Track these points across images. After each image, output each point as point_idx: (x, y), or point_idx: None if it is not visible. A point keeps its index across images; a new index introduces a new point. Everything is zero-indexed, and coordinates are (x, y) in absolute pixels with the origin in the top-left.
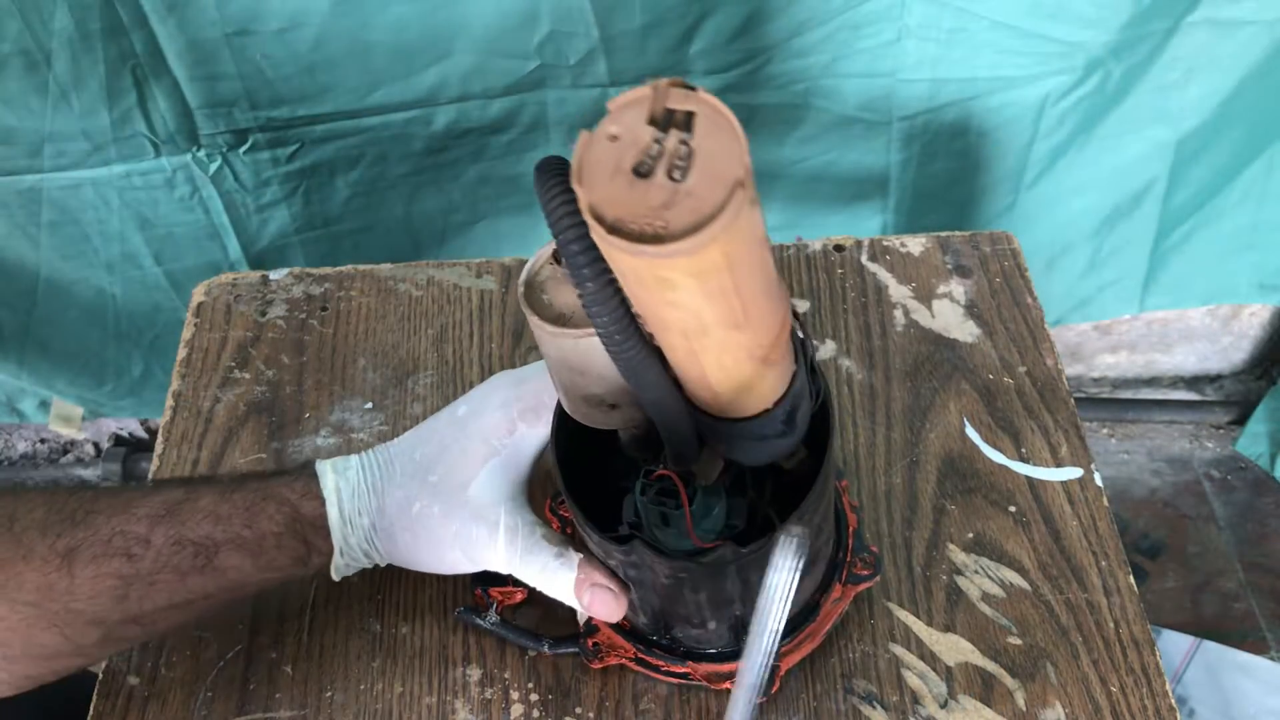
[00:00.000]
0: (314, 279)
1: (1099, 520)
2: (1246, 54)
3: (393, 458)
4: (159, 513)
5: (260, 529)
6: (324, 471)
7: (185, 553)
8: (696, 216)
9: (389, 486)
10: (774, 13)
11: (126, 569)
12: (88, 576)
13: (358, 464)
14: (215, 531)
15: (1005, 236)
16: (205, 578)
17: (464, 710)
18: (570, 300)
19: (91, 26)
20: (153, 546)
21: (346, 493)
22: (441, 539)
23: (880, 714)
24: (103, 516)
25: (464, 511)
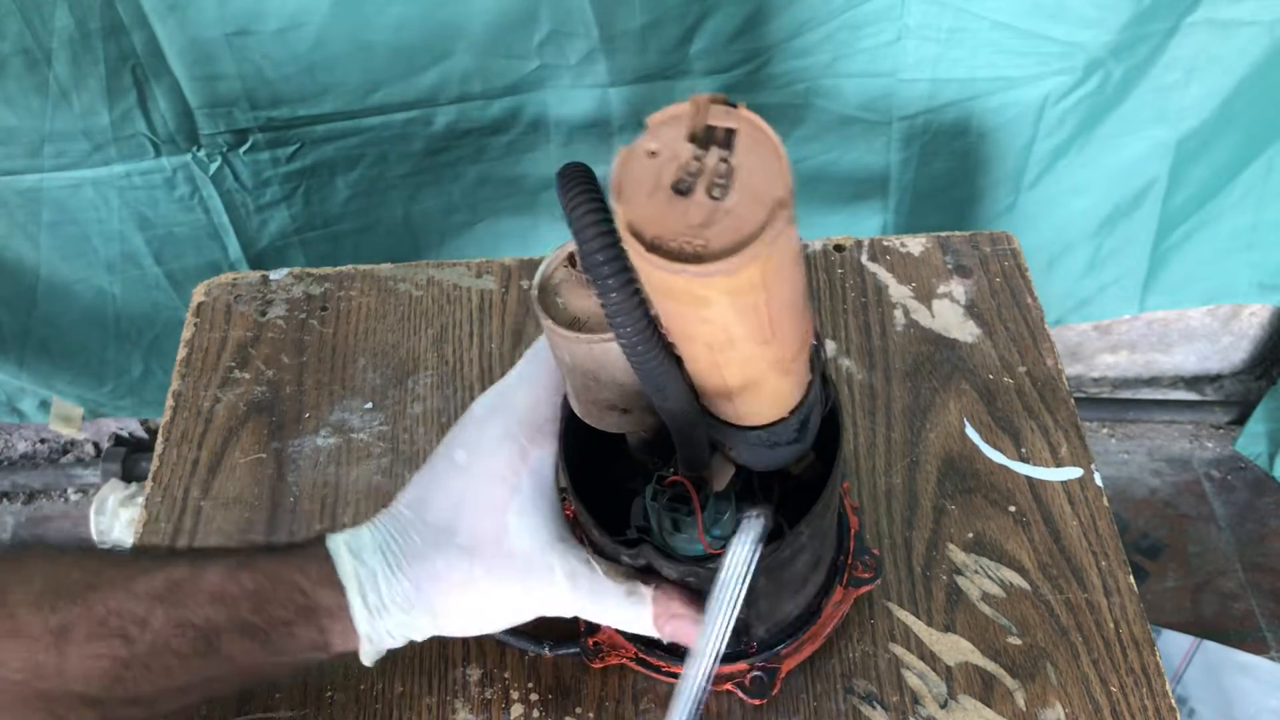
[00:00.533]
0: (314, 279)
1: (1099, 520)
2: (1246, 54)
3: (405, 527)
4: (160, 592)
5: (270, 615)
6: (339, 554)
7: (186, 635)
8: (737, 236)
9: (414, 562)
10: (774, 12)
11: (122, 651)
12: (81, 656)
13: (376, 547)
14: (219, 615)
15: (1005, 236)
16: (208, 663)
17: (464, 710)
18: (585, 305)
19: (91, 26)
20: (150, 628)
21: (367, 577)
22: (500, 602)
23: (880, 714)
24: (101, 593)
25: (512, 568)
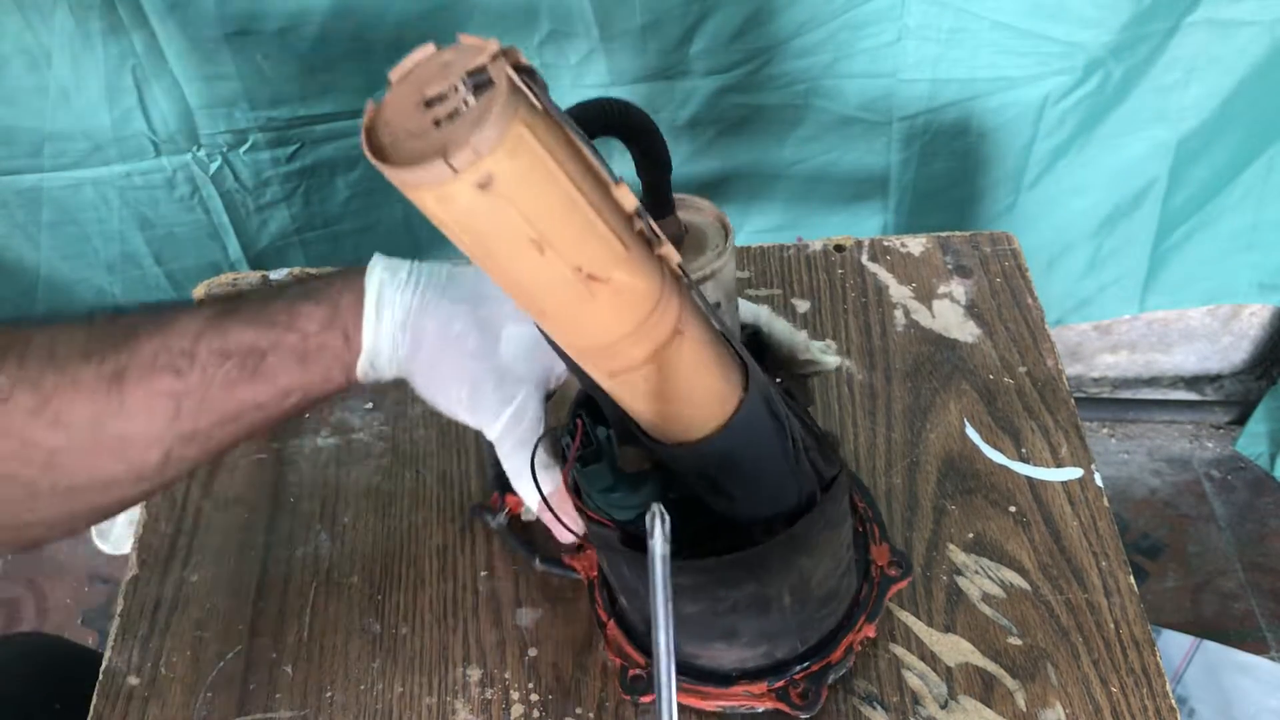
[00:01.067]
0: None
1: (1099, 520)
2: (1246, 54)
3: (456, 276)
4: (202, 326)
5: (302, 330)
6: (374, 261)
7: (231, 363)
8: (422, 152)
9: (436, 296)
10: (774, 13)
11: (175, 385)
12: (138, 397)
13: (415, 266)
14: (258, 338)
15: (1005, 237)
16: (254, 386)
17: (464, 710)
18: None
19: (92, 26)
20: (198, 360)
21: (389, 284)
22: (456, 372)
23: (880, 714)
24: (145, 337)
25: (492, 362)
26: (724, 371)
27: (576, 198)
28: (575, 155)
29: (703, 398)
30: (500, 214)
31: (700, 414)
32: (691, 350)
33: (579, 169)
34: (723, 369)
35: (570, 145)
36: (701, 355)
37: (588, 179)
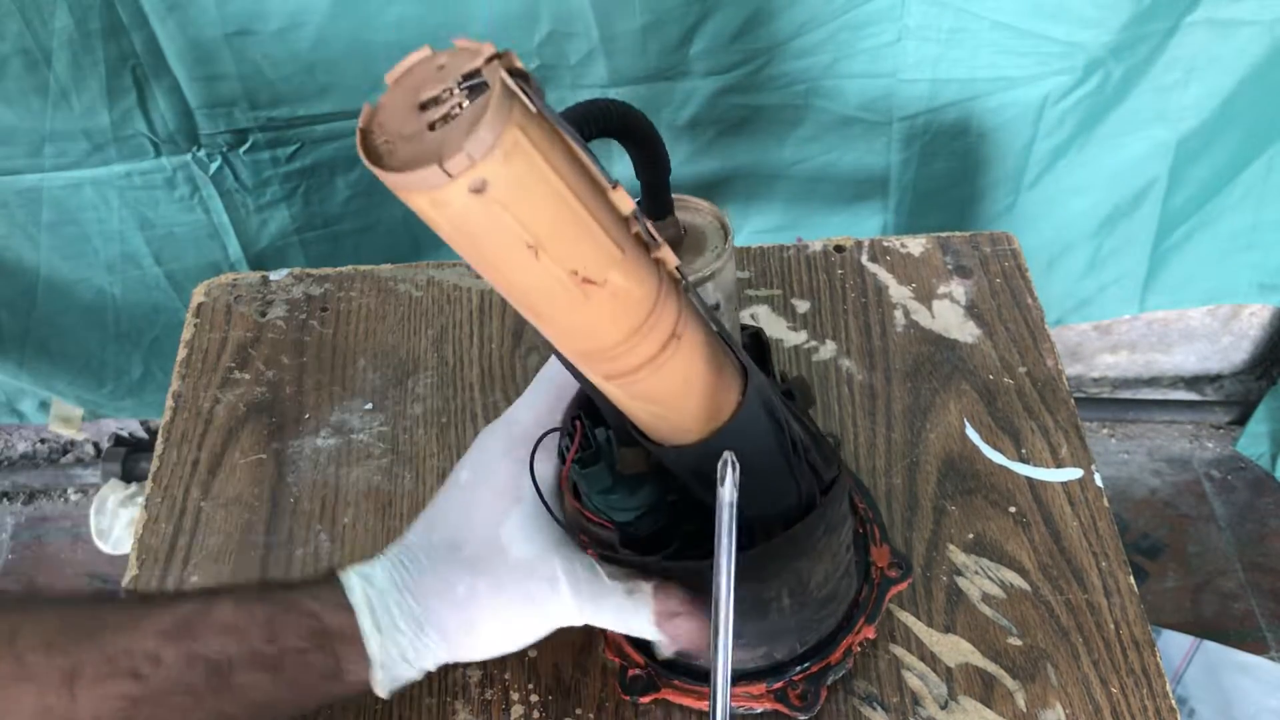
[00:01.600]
0: (314, 279)
1: (1099, 521)
2: (1246, 54)
3: (414, 550)
4: (171, 628)
5: (281, 644)
6: (349, 579)
7: (197, 670)
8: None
9: (421, 579)
10: (774, 13)
11: (134, 689)
12: (90, 699)
13: (383, 567)
14: (231, 647)
15: (1005, 237)
16: (222, 698)
17: (464, 710)
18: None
19: (91, 26)
20: (163, 664)
21: (376, 597)
22: (499, 613)
23: (880, 715)
24: (110, 633)
25: (515, 575)
26: (722, 373)
27: (571, 201)
28: (570, 159)
29: (701, 400)
30: (494, 218)
31: (698, 416)
32: (689, 353)
33: (574, 172)
34: (721, 371)
35: (565, 148)
36: (700, 357)
37: (583, 182)
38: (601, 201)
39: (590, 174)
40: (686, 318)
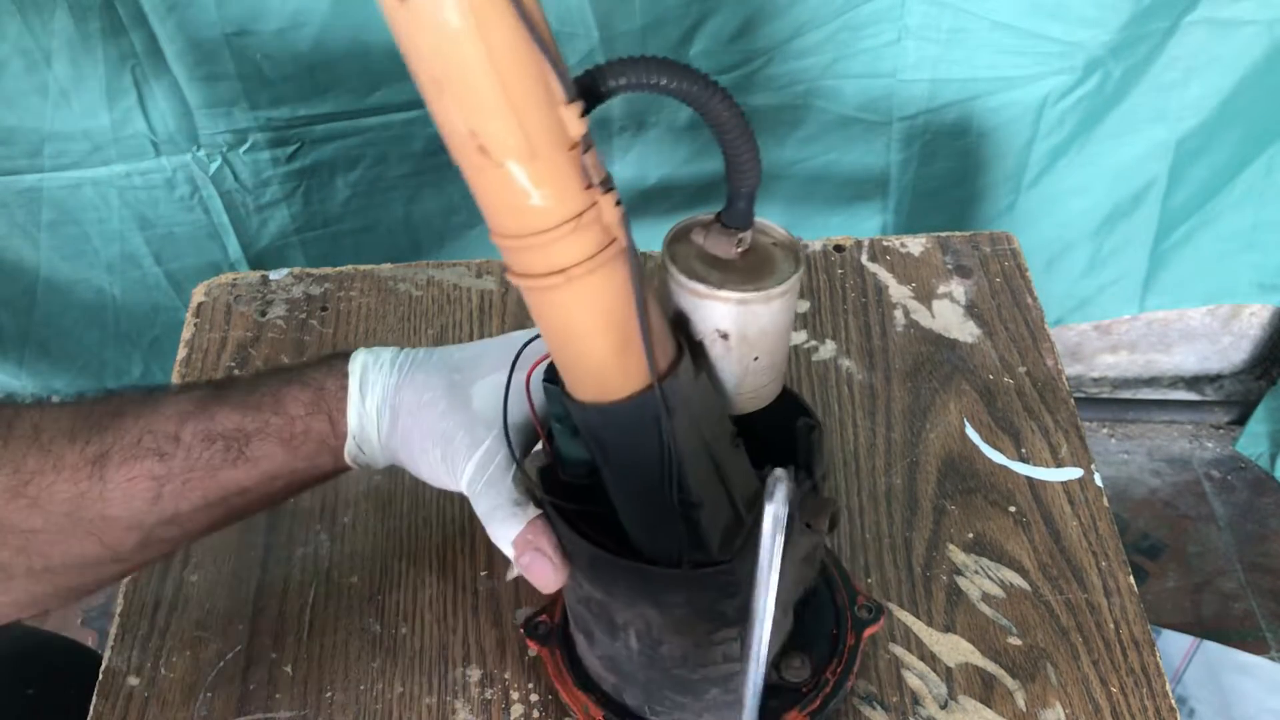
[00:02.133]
0: (314, 279)
1: (1099, 520)
2: (1246, 54)
3: (430, 352)
4: (188, 409)
5: (288, 413)
6: (356, 354)
7: (216, 446)
8: None
9: (413, 370)
10: (774, 14)
11: (158, 469)
12: (120, 480)
13: (393, 351)
14: (245, 422)
15: (1005, 237)
16: (238, 470)
17: (464, 710)
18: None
19: (91, 26)
20: (183, 443)
21: (372, 367)
22: (430, 432)
23: (880, 714)
24: (130, 418)
25: (461, 415)
26: (625, 351)
27: (489, 72)
28: (517, 42)
29: (583, 360)
30: (414, 28)
31: (581, 379)
32: (579, 303)
33: (515, 58)
34: (623, 349)
35: (520, 37)
36: (590, 316)
37: (522, 69)
38: (537, 100)
39: (540, 70)
40: (597, 269)
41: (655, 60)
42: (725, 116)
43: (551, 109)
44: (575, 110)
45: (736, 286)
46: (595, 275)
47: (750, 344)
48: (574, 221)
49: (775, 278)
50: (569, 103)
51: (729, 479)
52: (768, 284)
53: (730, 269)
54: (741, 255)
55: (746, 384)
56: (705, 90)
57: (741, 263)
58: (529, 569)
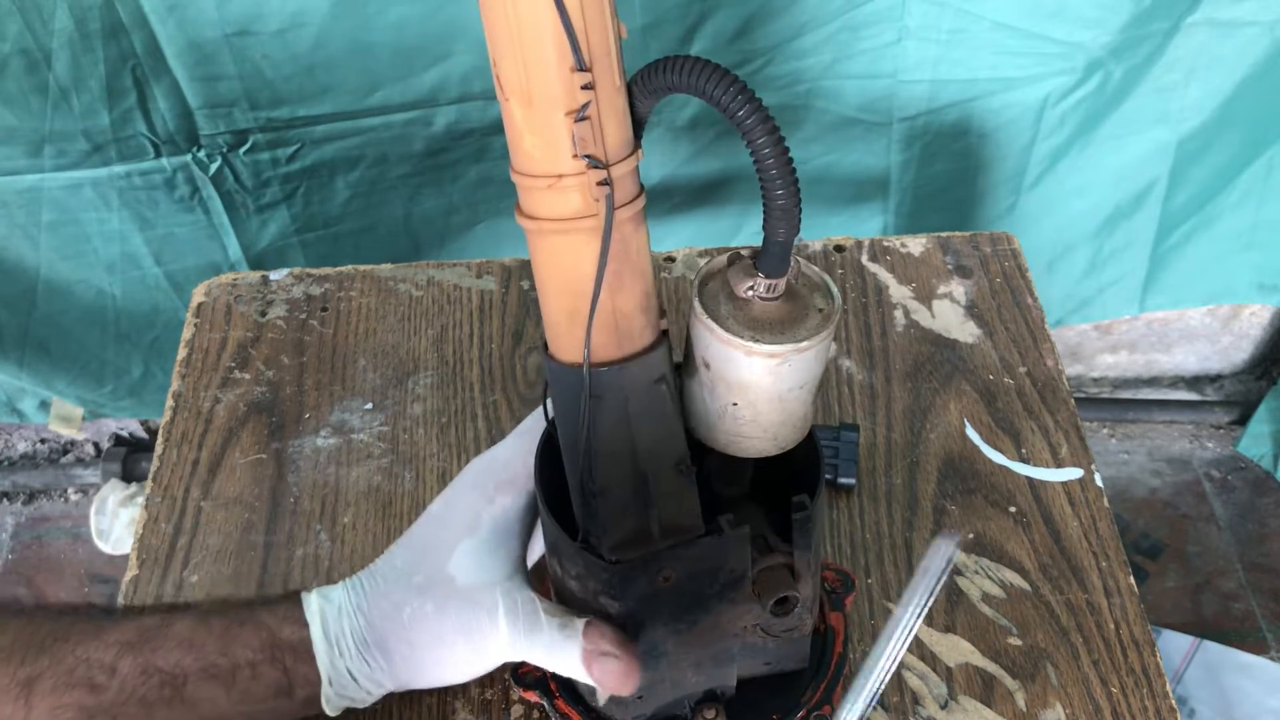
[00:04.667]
0: (314, 279)
1: (1099, 521)
2: (1246, 55)
3: (376, 573)
4: (130, 639)
5: (235, 656)
6: (308, 597)
7: (152, 682)
8: None
9: (375, 600)
10: (774, 14)
11: (88, 700)
12: (45, 708)
13: (343, 587)
14: (186, 660)
15: (1006, 237)
16: (174, 711)
17: (464, 710)
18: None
19: (92, 27)
20: (118, 675)
21: (331, 613)
22: (440, 638)
23: (880, 714)
24: (70, 644)
25: (457, 601)
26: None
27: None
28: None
29: (546, 311)
30: None
31: (546, 325)
32: (551, 259)
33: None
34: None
35: None
36: (555, 272)
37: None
38: (545, 57)
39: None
40: (563, 233)
41: (712, 69)
42: (769, 155)
43: (558, 68)
44: (580, 80)
45: (729, 324)
46: (561, 239)
47: (728, 386)
48: (554, 180)
49: (777, 335)
50: (576, 70)
51: (652, 493)
52: (764, 337)
53: (751, 310)
54: (772, 301)
55: (724, 425)
56: (757, 121)
57: (769, 308)
58: (603, 680)
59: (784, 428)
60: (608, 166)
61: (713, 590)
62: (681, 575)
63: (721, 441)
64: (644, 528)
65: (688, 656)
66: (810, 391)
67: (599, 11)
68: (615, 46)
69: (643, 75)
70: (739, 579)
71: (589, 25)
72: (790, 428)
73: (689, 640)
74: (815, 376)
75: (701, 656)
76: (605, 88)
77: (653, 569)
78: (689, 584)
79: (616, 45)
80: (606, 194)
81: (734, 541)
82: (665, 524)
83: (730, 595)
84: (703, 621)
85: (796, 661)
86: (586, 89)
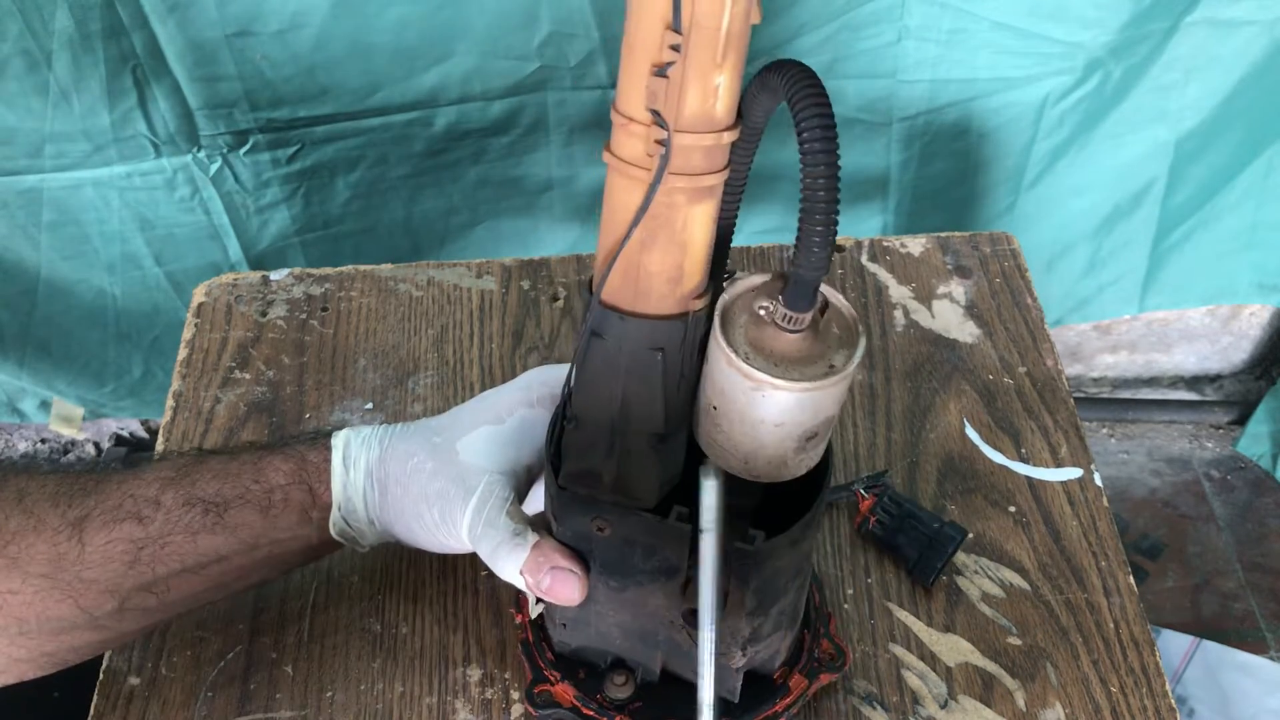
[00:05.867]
0: (314, 279)
1: (1099, 520)
2: (1245, 54)
3: (412, 424)
4: (169, 475)
5: (268, 481)
6: (338, 432)
7: (195, 511)
8: None
9: (395, 441)
10: (774, 14)
11: (137, 532)
12: (99, 543)
13: (375, 427)
14: (225, 488)
15: (1005, 237)
16: (216, 536)
17: (464, 710)
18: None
19: (92, 27)
20: (163, 507)
21: (355, 442)
22: (423, 494)
23: (880, 714)
24: (113, 483)
25: (450, 471)
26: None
27: None
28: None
29: (600, 241)
30: None
31: (598, 262)
32: (610, 193)
33: None
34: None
35: None
36: (610, 209)
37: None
38: (653, 10)
39: None
40: (621, 174)
41: (803, 76)
42: (821, 184)
43: (653, 20)
44: (670, 39)
45: (733, 331)
46: (619, 177)
47: (712, 386)
48: (625, 120)
49: (768, 364)
50: (670, 30)
51: (617, 448)
52: (755, 359)
53: (763, 330)
54: (790, 333)
55: (704, 422)
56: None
57: (783, 337)
58: (551, 590)
59: (755, 458)
60: (672, 130)
61: (645, 567)
62: (618, 536)
63: (701, 438)
64: (598, 473)
65: (614, 616)
66: (793, 436)
67: None
68: (730, 24)
69: (761, 73)
70: (673, 570)
71: None
72: (763, 461)
73: (617, 603)
74: (800, 424)
75: (627, 624)
76: (699, 57)
77: (593, 512)
78: (624, 548)
79: (734, 24)
80: (661, 154)
81: (671, 531)
82: (619, 482)
83: (662, 580)
84: (631, 590)
85: (725, 691)
86: (674, 49)
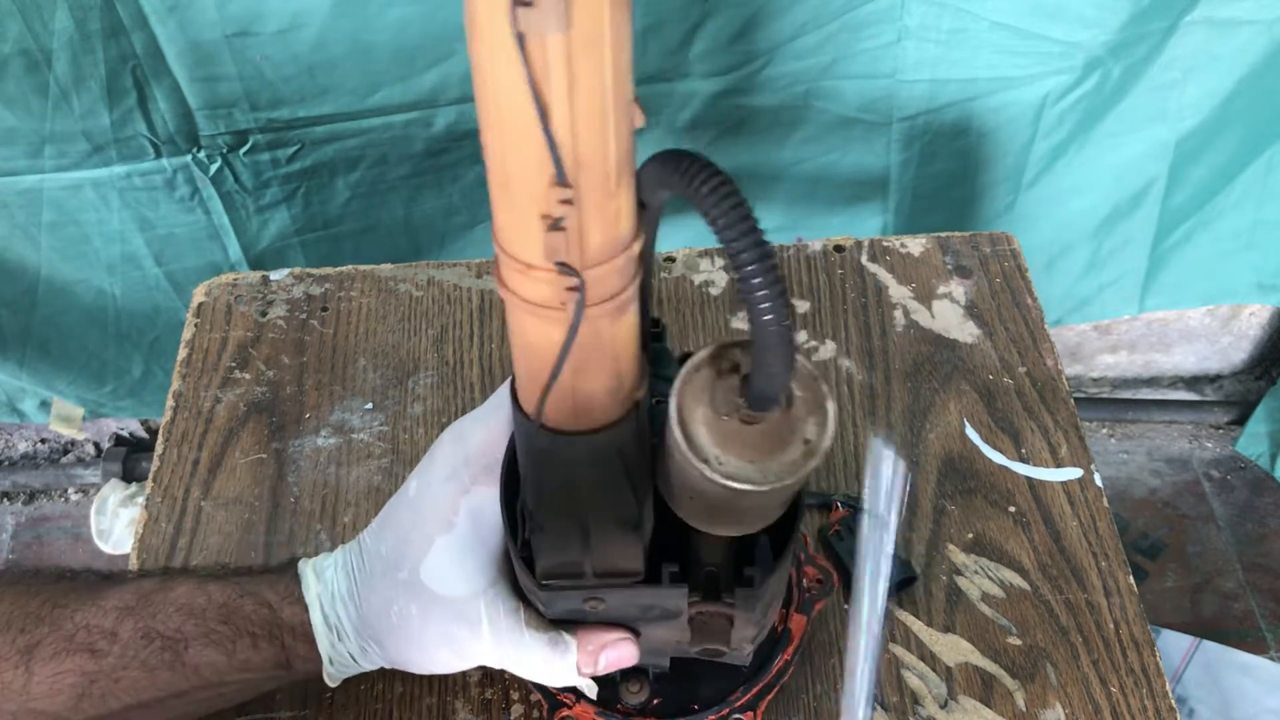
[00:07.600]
0: (314, 279)
1: (1099, 520)
2: (1245, 54)
3: (365, 554)
4: (129, 604)
5: (236, 626)
6: (305, 574)
7: (153, 646)
8: None
9: (365, 591)
10: (774, 15)
11: (89, 665)
12: (46, 674)
13: (335, 566)
14: (187, 625)
15: (1005, 237)
16: (175, 674)
17: (464, 710)
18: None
19: (92, 27)
20: (119, 640)
21: (327, 599)
22: (426, 642)
23: (880, 714)
24: (69, 610)
25: (441, 610)
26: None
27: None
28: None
29: (525, 377)
30: None
31: (522, 385)
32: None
33: (514, 100)
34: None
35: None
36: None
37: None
38: (528, 158)
39: (537, 142)
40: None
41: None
42: (766, 308)
43: (536, 174)
44: (559, 195)
45: (697, 432)
46: (528, 317)
47: (698, 496)
48: (524, 267)
49: (745, 462)
50: (556, 185)
51: (592, 541)
52: (729, 461)
53: (727, 424)
54: (754, 424)
55: (685, 510)
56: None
57: (760, 428)
58: (611, 665)
59: (739, 525)
60: (583, 271)
61: (647, 618)
62: (614, 604)
63: (681, 512)
64: (579, 566)
65: None
66: (775, 504)
67: (596, 113)
68: (617, 147)
69: (648, 168)
70: (674, 615)
71: (580, 134)
72: (747, 525)
73: None
74: (782, 498)
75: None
76: (594, 199)
77: (582, 595)
78: (620, 610)
79: (621, 147)
80: (577, 299)
81: (669, 594)
82: (602, 568)
83: (665, 622)
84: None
85: (737, 659)
86: (565, 203)
